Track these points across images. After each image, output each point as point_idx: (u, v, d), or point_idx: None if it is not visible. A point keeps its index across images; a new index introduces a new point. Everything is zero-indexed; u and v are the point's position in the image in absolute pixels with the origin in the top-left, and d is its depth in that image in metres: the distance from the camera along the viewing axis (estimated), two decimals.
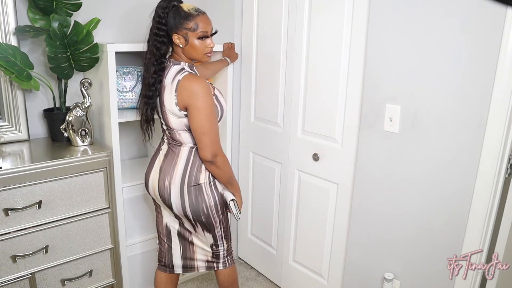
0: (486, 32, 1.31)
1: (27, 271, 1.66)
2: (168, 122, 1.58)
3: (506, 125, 1.31)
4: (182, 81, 1.50)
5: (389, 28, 1.56)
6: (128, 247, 2.03)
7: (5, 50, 1.68)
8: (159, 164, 1.65)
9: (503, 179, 1.39)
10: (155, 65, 1.54)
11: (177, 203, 1.61)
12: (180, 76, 1.52)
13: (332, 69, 1.81)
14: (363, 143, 1.74)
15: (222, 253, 1.76)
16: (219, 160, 1.57)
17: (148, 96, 1.57)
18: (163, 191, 1.62)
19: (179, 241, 1.76)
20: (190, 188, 1.59)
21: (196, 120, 1.50)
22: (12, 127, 1.89)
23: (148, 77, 1.55)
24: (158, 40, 1.53)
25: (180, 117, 1.54)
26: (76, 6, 1.83)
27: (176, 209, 1.62)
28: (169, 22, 1.52)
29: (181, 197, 1.60)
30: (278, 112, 2.12)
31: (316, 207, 2.02)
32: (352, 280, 1.91)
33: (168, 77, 1.55)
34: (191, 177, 1.59)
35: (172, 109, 1.53)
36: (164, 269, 1.82)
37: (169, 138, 1.65)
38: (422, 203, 1.57)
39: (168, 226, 1.76)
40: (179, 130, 1.58)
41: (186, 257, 1.78)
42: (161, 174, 1.63)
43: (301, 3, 1.88)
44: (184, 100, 1.50)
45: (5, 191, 1.54)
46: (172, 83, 1.52)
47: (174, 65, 1.56)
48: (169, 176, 1.60)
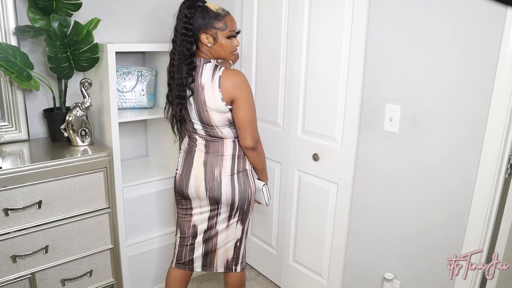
0: (486, 32, 1.31)
1: (27, 271, 1.66)
2: (210, 121, 1.60)
3: (506, 125, 1.31)
4: (223, 76, 1.54)
5: (389, 27, 1.56)
6: (128, 247, 2.03)
7: (5, 50, 1.68)
8: (201, 160, 1.66)
9: (503, 179, 1.39)
10: (186, 65, 1.55)
11: (228, 191, 1.65)
12: (219, 72, 1.55)
13: (332, 69, 1.81)
14: (363, 143, 1.74)
15: (242, 252, 1.80)
16: (259, 146, 1.68)
17: (181, 96, 1.58)
18: (212, 183, 1.65)
19: (203, 240, 1.76)
20: (240, 174, 1.67)
21: (243, 110, 1.56)
22: (12, 127, 1.88)
23: (181, 77, 1.56)
24: (187, 40, 1.54)
25: (225, 112, 1.57)
26: (76, 6, 1.83)
27: (225, 197, 1.66)
28: (196, 22, 1.53)
29: (232, 185, 1.65)
30: (278, 112, 2.12)
31: (316, 207, 2.02)
32: (352, 280, 1.91)
33: (205, 76, 1.56)
34: (239, 165, 1.67)
35: (218, 107, 1.56)
36: (183, 267, 1.81)
37: (203, 136, 1.66)
38: (422, 203, 1.57)
39: (196, 225, 1.75)
40: (221, 127, 1.61)
41: (208, 256, 1.79)
42: (207, 167, 1.65)
43: (301, 3, 1.88)
44: (230, 94, 1.54)
45: (5, 191, 1.54)
46: (213, 81, 1.54)
47: (205, 63, 1.58)
48: (218, 166, 1.64)
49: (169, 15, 2.26)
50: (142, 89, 2.06)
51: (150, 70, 2.08)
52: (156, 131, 2.26)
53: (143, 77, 2.05)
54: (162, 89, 2.12)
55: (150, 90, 2.09)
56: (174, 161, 2.12)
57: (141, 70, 2.05)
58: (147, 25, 2.21)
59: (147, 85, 2.07)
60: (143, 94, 2.06)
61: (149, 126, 2.33)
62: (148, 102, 2.09)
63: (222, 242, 1.76)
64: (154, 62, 2.16)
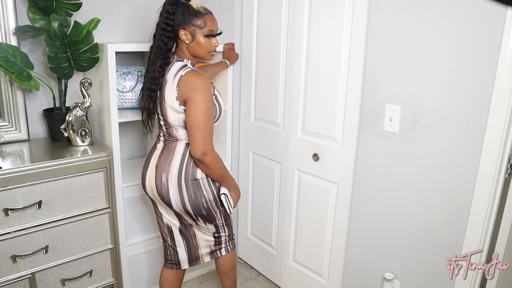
0: (486, 32, 1.31)
1: (27, 271, 1.66)
2: (166, 118, 1.60)
3: (506, 125, 1.31)
4: (184, 76, 1.53)
5: (389, 27, 1.56)
6: (128, 247, 2.03)
7: (5, 50, 1.68)
8: (154, 162, 1.67)
9: (503, 179, 1.39)
10: (161, 59, 1.57)
11: (176, 199, 1.62)
12: (182, 71, 1.55)
13: (332, 69, 1.81)
14: (363, 143, 1.74)
15: (224, 238, 1.80)
16: (208, 159, 1.56)
17: (151, 89, 1.60)
18: (160, 188, 1.63)
19: (182, 237, 1.78)
20: (188, 183, 1.61)
21: (192, 114, 1.51)
22: (12, 127, 1.89)
23: (153, 70, 1.58)
24: (165, 35, 1.56)
25: (180, 112, 1.56)
26: (76, 6, 1.83)
27: (175, 205, 1.63)
28: (176, 18, 1.55)
29: (180, 193, 1.61)
30: (278, 112, 2.12)
31: (316, 207, 2.02)
32: (352, 280, 1.91)
33: (171, 73, 1.57)
34: (187, 172, 1.61)
35: (173, 104, 1.55)
36: (171, 267, 1.83)
37: (165, 134, 1.66)
38: (422, 203, 1.57)
39: (169, 225, 1.77)
40: (176, 126, 1.60)
41: (191, 251, 1.81)
42: (157, 171, 1.64)
43: (301, 3, 1.88)
44: (184, 94, 1.52)
45: (5, 191, 1.54)
46: (174, 78, 1.55)
47: (177, 61, 1.60)
48: (165, 172, 1.61)
49: None
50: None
51: None
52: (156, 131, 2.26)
53: (143, 77, 2.05)
54: None
55: None
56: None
57: (141, 70, 2.05)
58: (147, 25, 2.21)
59: None
60: None
61: None
62: None
63: (200, 235, 1.78)
64: None
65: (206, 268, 2.47)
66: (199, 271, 2.44)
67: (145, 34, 2.20)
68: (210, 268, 2.48)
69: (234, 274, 1.93)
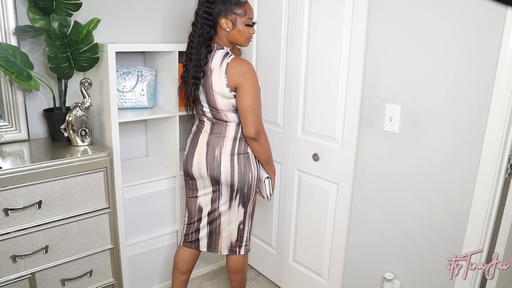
0: (486, 32, 1.31)
1: (27, 271, 1.66)
2: (215, 104, 1.66)
3: (506, 125, 1.31)
4: (231, 64, 1.61)
5: (389, 27, 1.56)
6: (128, 247, 2.03)
7: (5, 50, 1.68)
8: (204, 140, 1.74)
9: (503, 179, 1.39)
10: (205, 47, 1.63)
11: (227, 171, 1.70)
12: (228, 59, 1.62)
13: (332, 69, 1.81)
14: (363, 143, 1.74)
15: (246, 235, 1.84)
16: (262, 137, 1.69)
17: (197, 77, 1.66)
18: (212, 162, 1.70)
19: (207, 223, 1.83)
20: (240, 156, 1.71)
21: (244, 99, 1.61)
22: (12, 127, 1.89)
23: (199, 59, 1.64)
24: (206, 23, 1.62)
25: (229, 98, 1.64)
26: (76, 6, 1.83)
27: (224, 177, 1.70)
28: (217, 7, 1.61)
29: (231, 165, 1.70)
30: (278, 112, 2.12)
31: (316, 207, 2.02)
32: (352, 280, 1.91)
33: (215, 61, 1.63)
34: (240, 146, 1.72)
35: (222, 91, 1.62)
36: (190, 245, 1.89)
37: (211, 118, 1.73)
38: (422, 203, 1.57)
39: (201, 207, 1.82)
40: (226, 111, 1.68)
41: (212, 237, 1.85)
42: (209, 147, 1.72)
43: (301, 3, 1.88)
44: (234, 81, 1.60)
45: (5, 191, 1.54)
46: (221, 66, 1.61)
47: (218, 50, 1.66)
48: (219, 146, 1.70)
49: (168, 16, 2.26)
50: (142, 89, 2.06)
51: (150, 70, 2.08)
52: (156, 131, 2.26)
53: (143, 77, 2.05)
54: (162, 89, 2.12)
55: (150, 90, 2.09)
56: (174, 161, 2.12)
57: (141, 70, 2.05)
58: (147, 25, 2.21)
59: (147, 85, 2.07)
60: (143, 94, 2.06)
61: (149, 126, 2.33)
62: (148, 102, 2.09)
63: (225, 224, 1.81)
64: (154, 62, 2.16)
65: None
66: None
67: (145, 34, 2.21)
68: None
69: (243, 275, 1.94)
